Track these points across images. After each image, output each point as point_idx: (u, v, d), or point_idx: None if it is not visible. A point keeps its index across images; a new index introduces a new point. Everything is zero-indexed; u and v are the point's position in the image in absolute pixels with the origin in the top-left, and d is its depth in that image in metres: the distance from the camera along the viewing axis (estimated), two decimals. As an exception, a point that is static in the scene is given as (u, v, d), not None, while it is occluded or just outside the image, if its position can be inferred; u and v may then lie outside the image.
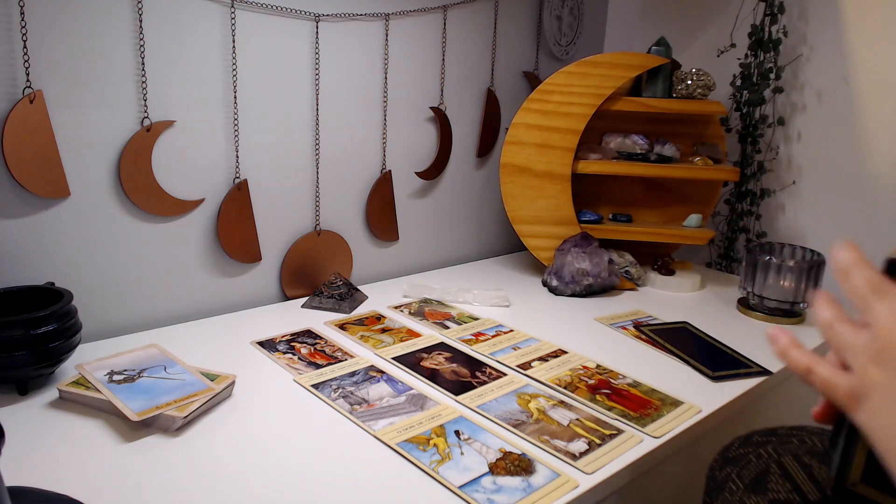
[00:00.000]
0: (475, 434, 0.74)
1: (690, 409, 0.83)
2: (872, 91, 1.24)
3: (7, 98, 0.84)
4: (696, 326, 1.10)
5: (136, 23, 0.93)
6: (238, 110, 1.05)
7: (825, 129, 1.31)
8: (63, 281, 0.92)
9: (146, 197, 0.98)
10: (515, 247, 1.56)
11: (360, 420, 0.76)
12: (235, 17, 1.02)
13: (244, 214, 1.09)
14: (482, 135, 1.42)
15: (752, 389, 0.90)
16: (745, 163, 1.37)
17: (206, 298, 1.09)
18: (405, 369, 0.90)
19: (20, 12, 0.84)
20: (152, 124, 0.96)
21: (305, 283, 1.19)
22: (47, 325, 0.77)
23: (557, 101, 1.26)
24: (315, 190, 1.18)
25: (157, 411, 0.72)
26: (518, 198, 1.30)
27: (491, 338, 1.02)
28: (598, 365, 0.94)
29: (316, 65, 1.13)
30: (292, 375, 0.87)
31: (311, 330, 1.03)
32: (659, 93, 1.30)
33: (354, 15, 1.15)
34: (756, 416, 0.99)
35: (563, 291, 1.24)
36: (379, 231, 1.29)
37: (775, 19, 1.30)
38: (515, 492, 0.64)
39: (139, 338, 0.97)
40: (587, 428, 0.76)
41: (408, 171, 1.32)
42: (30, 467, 0.66)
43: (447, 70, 1.32)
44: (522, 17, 1.44)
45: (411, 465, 0.68)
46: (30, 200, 0.89)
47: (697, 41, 1.49)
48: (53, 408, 0.77)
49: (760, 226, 1.41)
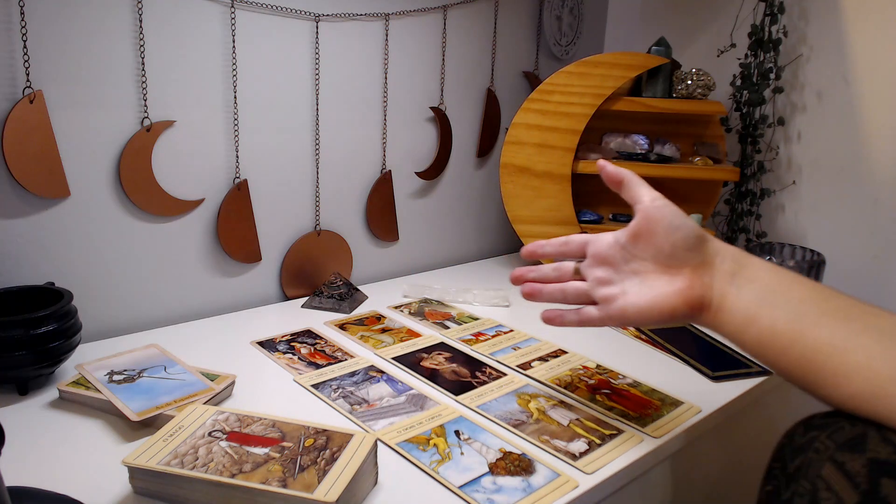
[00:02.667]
0: (475, 434, 0.74)
1: (690, 409, 0.83)
2: (872, 91, 1.24)
3: (7, 98, 0.85)
4: (696, 326, 1.09)
5: (136, 23, 0.93)
6: (238, 110, 1.05)
7: (825, 129, 1.31)
8: (63, 281, 0.92)
9: (146, 197, 0.98)
10: (515, 247, 1.56)
11: (360, 420, 0.76)
12: (235, 17, 1.02)
13: (244, 214, 1.09)
14: (482, 135, 1.42)
15: (752, 389, 0.90)
16: (745, 163, 1.37)
17: (206, 298, 1.09)
18: (405, 369, 0.90)
19: (20, 12, 0.84)
20: (152, 124, 0.96)
21: (305, 283, 1.19)
22: (47, 325, 0.77)
23: (557, 101, 1.26)
24: (315, 190, 1.18)
25: (157, 411, 0.72)
26: (518, 198, 1.30)
27: (491, 338, 1.02)
28: (598, 365, 0.94)
29: (316, 65, 1.13)
30: (292, 375, 0.88)
31: (311, 330, 1.03)
32: (659, 93, 1.30)
33: (354, 15, 1.15)
34: (756, 416, 0.99)
35: (563, 291, 1.24)
36: (379, 231, 1.29)
37: (775, 19, 1.30)
38: (515, 492, 0.64)
39: (139, 338, 0.97)
40: (587, 428, 0.76)
41: (408, 171, 1.32)
42: (30, 467, 0.66)
43: (447, 70, 1.32)
44: (522, 17, 1.44)
45: (411, 465, 0.68)
46: (30, 200, 0.89)
47: (697, 41, 1.49)
48: (53, 408, 0.77)
49: (760, 226, 1.41)
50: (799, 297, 0.58)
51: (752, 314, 0.59)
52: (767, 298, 0.59)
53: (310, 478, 0.58)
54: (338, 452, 0.62)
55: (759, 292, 0.60)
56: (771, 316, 0.58)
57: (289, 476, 0.58)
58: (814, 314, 0.56)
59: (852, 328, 0.54)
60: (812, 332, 0.55)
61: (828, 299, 0.57)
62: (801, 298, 0.58)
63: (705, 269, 0.63)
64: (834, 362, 0.54)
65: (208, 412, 0.69)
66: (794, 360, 0.56)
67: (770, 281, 0.60)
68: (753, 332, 0.59)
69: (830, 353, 0.54)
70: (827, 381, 0.54)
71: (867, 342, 0.53)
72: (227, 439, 0.64)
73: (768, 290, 0.59)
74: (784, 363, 0.57)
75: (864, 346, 0.53)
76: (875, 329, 0.54)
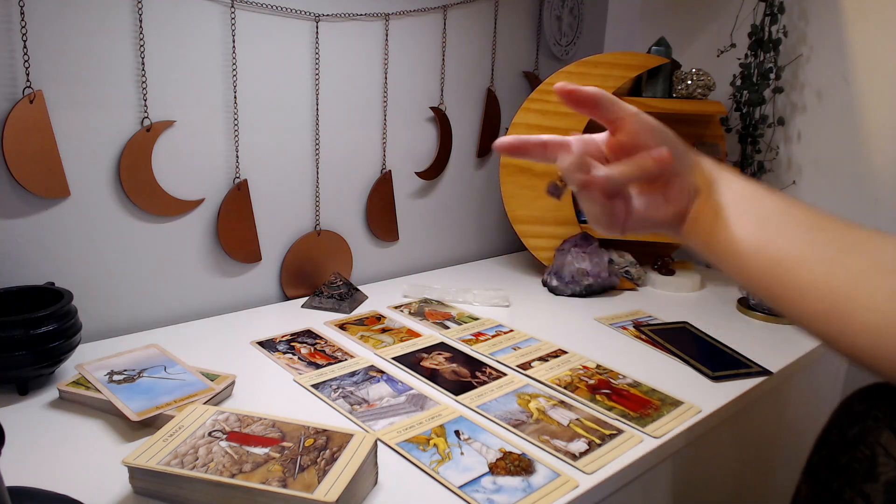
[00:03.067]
0: (475, 434, 0.74)
1: (690, 409, 0.83)
2: (872, 91, 1.24)
3: (7, 98, 0.85)
4: (696, 326, 1.09)
5: (136, 23, 0.93)
6: (238, 110, 1.05)
7: (825, 129, 1.31)
8: (63, 281, 0.92)
9: (146, 197, 0.98)
10: (515, 247, 1.56)
11: (360, 420, 0.76)
12: (235, 17, 1.02)
13: (244, 214, 1.09)
14: (482, 135, 1.42)
15: (752, 389, 0.90)
16: (745, 163, 1.37)
17: (206, 298, 1.09)
18: (405, 369, 0.90)
19: (20, 12, 0.84)
20: (152, 124, 0.96)
21: (305, 283, 1.19)
22: (47, 325, 0.77)
23: (557, 101, 1.24)
24: (315, 190, 1.18)
25: (157, 411, 0.72)
26: (518, 198, 1.30)
27: (491, 338, 1.02)
28: (598, 365, 0.94)
29: (316, 65, 1.13)
30: (292, 375, 0.88)
31: (311, 330, 1.03)
32: (659, 93, 1.30)
33: (354, 15, 1.15)
34: (756, 416, 0.99)
35: (563, 291, 1.24)
36: (379, 231, 1.29)
37: (775, 19, 1.30)
38: (515, 492, 0.64)
39: (139, 338, 0.97)
40: (587, 428, 0.76)
41: (408, 171, 1.32)
42: (30, 467, 0.66)
43: (447, 70, 1.32)
44: (522, 17, 1.44)
45: (411, 465, 0.68)
46: (30, 200, 0.89)
47: (697, 41, 1.49)
48: (53, 408, 0.77)
49: (760, 226, 1.41)
50: (770, 207, 0.55)
51: (722, 218, 0.56)
52: (738, 205, 0.56)
53: (310, 478, 0.58)
54: (338, 452, 0.62)
55: (731, 198, 0.57)
56: (738, 223, 0.55)
57: (289, 476, 0.58)
58: (779, 223, 0.54)
59: (816, 240, 0.51)
60: (775, 242, 0.53)
61: (797, 211, 0.55)
62: (772, 208, 0.55)
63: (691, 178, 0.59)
64: (792, 275, 0.51)
65: (208, 412, 0.69)
66: (757, 272, 0.53)
67: (743, 190, 0.58)
68: (721, 237, 0.56)
69: (790, 267, 0.51)
70: (786, 296, 0.51)
71: (829, 255, 0.50)
72: (227, 439, 0.64)
73: (740, 197, 0.57)
74: (748, 274, 0.54)
75: (824, 260, 0.50)
76: (840, 244, 0.51)
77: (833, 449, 0.52)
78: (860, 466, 0.49)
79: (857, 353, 0.47)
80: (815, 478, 0.54)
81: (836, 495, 0.50)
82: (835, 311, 0.48)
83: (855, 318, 0.47)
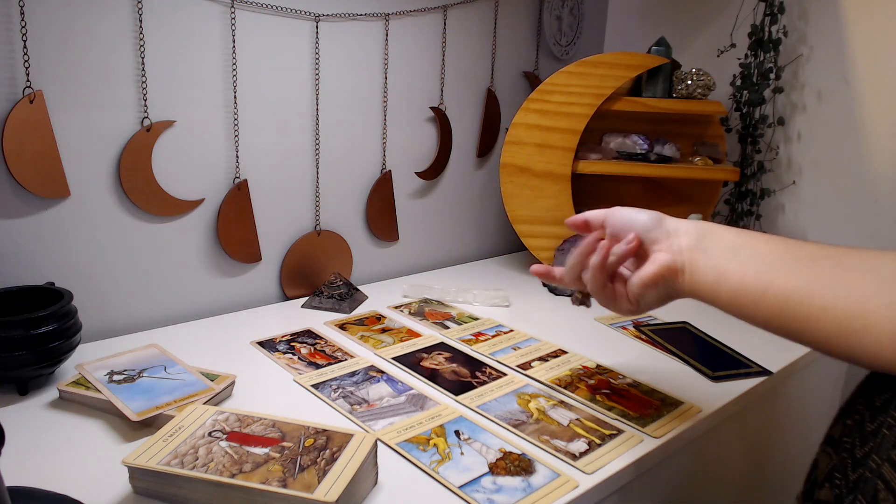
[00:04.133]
0: (475, 434, 0.74)
1: (690, 409, 0.83)
2: (872, 91, 1.24)
3: (7, 98, 0.85)
4: (696, 326, 1.09)
5: (136, 23, 0.93)
6: (238, 110, 1.05)
7: (825, 129, 1.31)
8: (63, 281, 0.92)
9: (146, 197, 0.98)
10: (515, 247, 1.56)
11: (360, 420, 0.76)
12: (235, 17, 1.02)
13: (244, 214, 1.09)
14: (482, 135, 1.42)
15: (752, 389, 0.90)
16: (745, 163, 1.37)
17: (206, 298, 1.09)
18: (405, 369, 0.90)
19: (20, 12, 0.84)
20: (152, 124, 0.96)
21: (305, 283, 1.19)
22: (47, 325, 0.77)
23: (557, 101, 1.26)
24: (315, 190, 1.18)
25: (157, 411, 0.72)
26: (518, 198, 1.30)
27: (491, 338, 1.02)
28: (598, 365, 0.94)
29: (316, 65, 1.13)
30: (292, 375, 0.88)
31: (311, 330, 1.03)
32: (659, 93, 1.29)
33: (354, 15, 1.15)
34: (756, 416, 0.99)
35: (563, 291, 1.24)
36: (379, 231, 1.29)
37: (775, 19, 1.30)
38: (515, 492, 0.64)
39: (139, 338, 0.97)
40: (587, 428, 0.77)
41: (408, 171, 1.32)
42: (30, 467, 0.66)
43: (447, 70, 1.32)
44: (522, 17, 1.44)
45: (411, 465, 0.68)
46: (30, 200, 0.89)
47: (697, 41, 1.49)
48: (53, 408, 0.77)
49: (760, 226, 1.41)
50: (765, 250, 0.59)
51: (721, 270, 0.60)
52: (735, 254, 0.60)
53: (310, 478, 0.58)
54: (338, 452, 0.62)
55: (725, 250, 0.61)
56: (740, 270, 0.59)
57: (289, 476, 0.58)
58: (780, 262, 0.57)
59: (818, 270, 0.55)
60: (780, 280, 0.56)
61: (793, 247, 0.58)
62: (768, 250, 0.59)
63: (673, 239, 0.65)
64: (804, 308, 0.54)
65: (208, 412, 0.69)
66: (768, 311, 0.57)
67: (734, 239, 0.62)
68: (726, 288, 0.60)
69: (800, 300, 0.54)
70: (802, 328, 0.54)
71: (832, 282, 0.53)
72: (227, 439, 0.64)
73: (734, 247, 0.61)
74: (761, 316, 0.58)
75: (829, 287, 0.53)
76: (841, 268, 0.54)
77: (860, 416, 0.53)
78: (890, 433, 0.49)
79: (883, 364, 0.50)
80: (837, 447, 0.54)
81: (861, 462, 0.50)
82: (851, 330, 0.51)
83: (871, 332, 0.50)
